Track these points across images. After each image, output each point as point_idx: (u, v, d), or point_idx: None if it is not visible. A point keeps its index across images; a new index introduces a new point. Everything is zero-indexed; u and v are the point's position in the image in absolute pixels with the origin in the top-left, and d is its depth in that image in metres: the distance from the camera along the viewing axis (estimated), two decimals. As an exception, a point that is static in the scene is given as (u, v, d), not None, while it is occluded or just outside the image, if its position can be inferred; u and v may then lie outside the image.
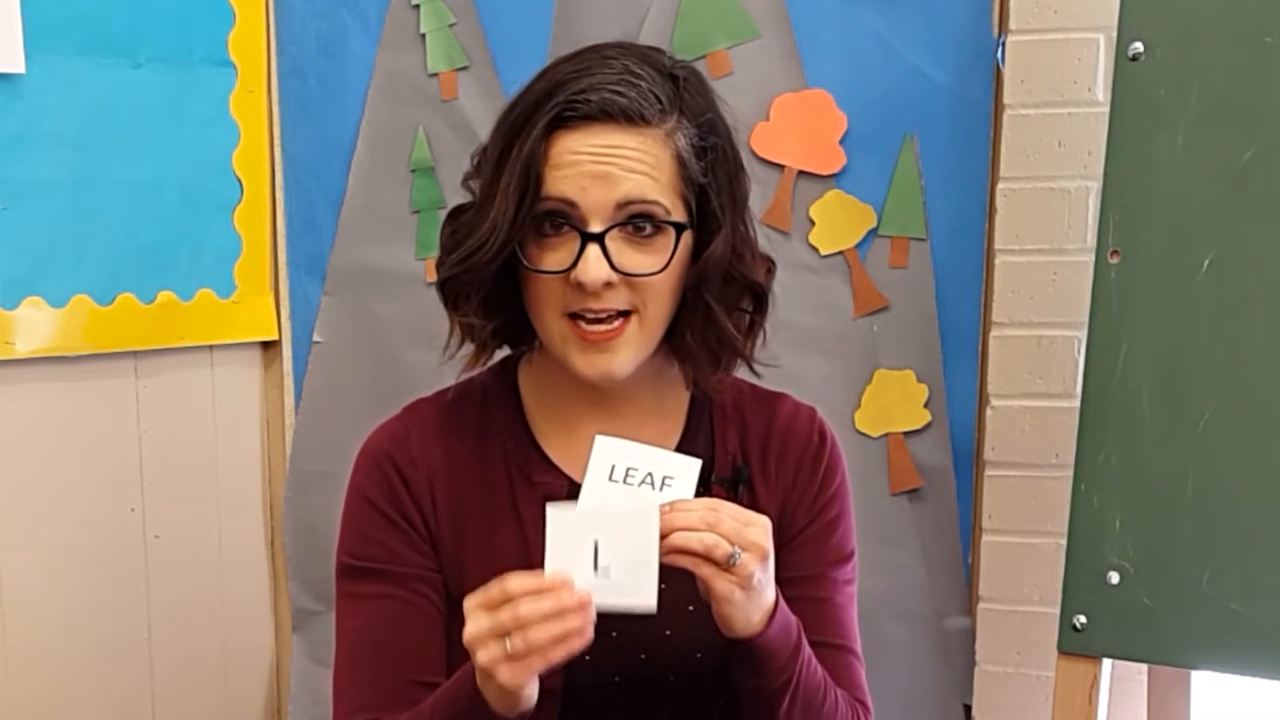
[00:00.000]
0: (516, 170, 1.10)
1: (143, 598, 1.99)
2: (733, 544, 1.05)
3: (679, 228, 1.14)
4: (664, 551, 1.05)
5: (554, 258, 1.13)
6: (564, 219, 1.12)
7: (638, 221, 1.12)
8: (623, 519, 1.05)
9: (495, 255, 1.12)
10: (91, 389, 1.90)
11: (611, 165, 1.10)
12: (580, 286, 1.12)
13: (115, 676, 1.96)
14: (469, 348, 1.21)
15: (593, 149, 1.10)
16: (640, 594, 1.05)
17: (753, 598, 1.09)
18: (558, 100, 1.10)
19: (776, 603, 1.13)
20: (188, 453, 2.05)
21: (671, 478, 1.09)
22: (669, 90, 1.13)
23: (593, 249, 1.11)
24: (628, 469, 1.08)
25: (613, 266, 1.11)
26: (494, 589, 1.03)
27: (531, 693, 1.06)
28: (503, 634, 1.01)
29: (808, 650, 1.17)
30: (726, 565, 1.05)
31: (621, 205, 1.11)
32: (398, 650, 1.20)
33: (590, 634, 1.03)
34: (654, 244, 1.13)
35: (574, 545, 1.05)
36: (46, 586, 1.86)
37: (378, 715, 1.19)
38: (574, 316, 1.15)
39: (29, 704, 1.84)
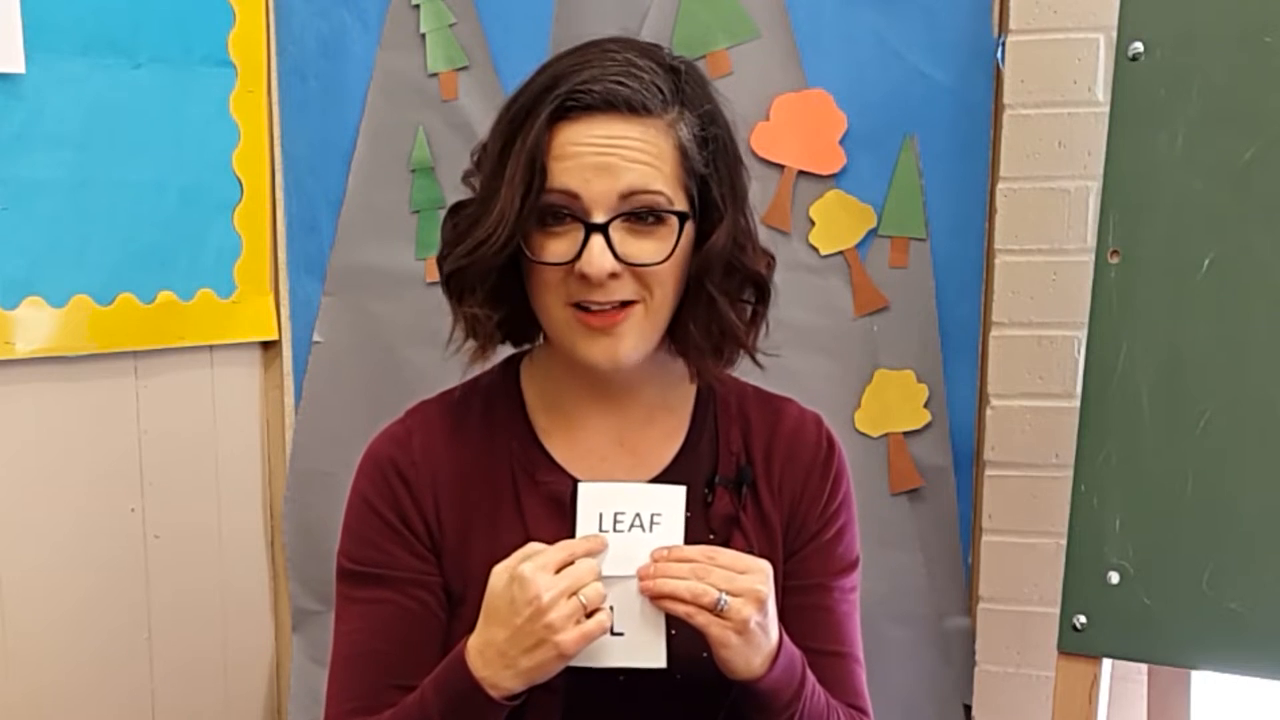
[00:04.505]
0: (521, 162, 1.10)
1: (143, 598, 1.99)
2: (721, 590, 1.08)
3: (682, 217, 1.14)
4: (654, 596, 1.10)
5: (558, 248, 1.13)
6: (567, 210, 1.12)
7: (640, 212, 1.13)
8: (635, 585, 1.10)
9: (502, 248, 1.13)
10: (91, 389, 1.90)
11: (614, 156, 1.11)
12: (584, 277, 1.12)
13: (115, 676, 1.96)
14: (473, 342, 1.21)
15: (595, 139, 1.11)
16: (651, 655, 1.11)
17: (751, 642, 1.11)
18: (560, 91, 1.10)
19: (780, 644, 1.14)
20: (188, 453, 2.05)
21: (659, 514, 1.12)
22: (670, 82, 1.14)
23: (596, 240, 1.11)
24: (615, 514, 1.11)
25: (616, 256, 1.12)
26: (555, 552, 1.09)
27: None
28: (575, 592, 1.07)
29: (811, 682, 1.18)
30: (716, 611, 1.08)
31: (625, 196, 1.11)
32: (390, 655, 1.20)
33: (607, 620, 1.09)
34: (657, 233, 1.14)
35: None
36: (46, 586, 1.86)
37: (363, 719, 1.19)
38: (578, 306, 1.15)
39: (29, 704, 1.84)
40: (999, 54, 1.80)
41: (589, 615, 1.08)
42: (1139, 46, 1.45)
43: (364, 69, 2.06)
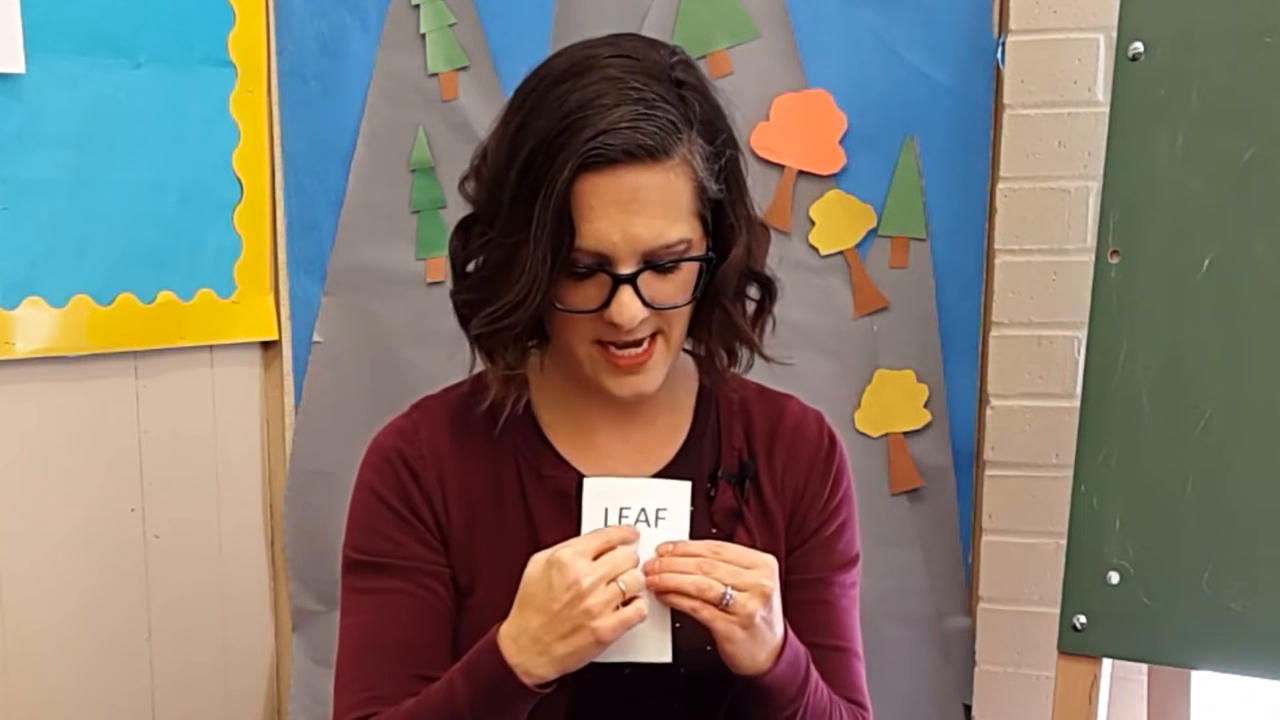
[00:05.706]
0: (548, 221, 1.10)
1: (143, 597, 1.99)
2: (727, 585, 1.08)
3: (704, 259, 1.16)
4: (659, 591, 1.09)
5: (585, 295, 1.14)
6: (595, 265, 1.13)
7: (665, 263, 1.13)
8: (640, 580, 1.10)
9: (535, 310, 1.14)
10: (91, 389, 1.90)
11: (638, 211, 1.10)
12: (614, 325, 1.13)
13: (115, 676, 1.96)
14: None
15: (620, 194, 1.10)
16: (657, 649, 1.11)
17: (756, 637, 1.11)
18: (578, 146, 1.08)
19: (785, 639, 1.14)
20: (188, 453, 2.05)
21: (664, 508, 1.12)
22: (679, 108, 1.12)
23: (625, 291, 1.12)
24: (621, 509, 1.11)
25: (644, 302, 1.13)
26: (591, 539, 1.08)
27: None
28: (614, 578, 1.07)
29: (815, 678, 1.18)
30: (721, 605, 1.08)
31: (650, 251, 1.12)
32: (401, 645, 1.20)
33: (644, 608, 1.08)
34: (679, 274, 1.15)
35: None
36: (47, 586, 1.86)
37: (377, 710, 1.19)
38: (602, 342, 1.16)
39: (29, 704, 1.84)
40: (999, 54, 1.80)
41: (625, 603, 1.08)
42: (1139, 46, 1.45)
43: (364, 69, 2.06)
